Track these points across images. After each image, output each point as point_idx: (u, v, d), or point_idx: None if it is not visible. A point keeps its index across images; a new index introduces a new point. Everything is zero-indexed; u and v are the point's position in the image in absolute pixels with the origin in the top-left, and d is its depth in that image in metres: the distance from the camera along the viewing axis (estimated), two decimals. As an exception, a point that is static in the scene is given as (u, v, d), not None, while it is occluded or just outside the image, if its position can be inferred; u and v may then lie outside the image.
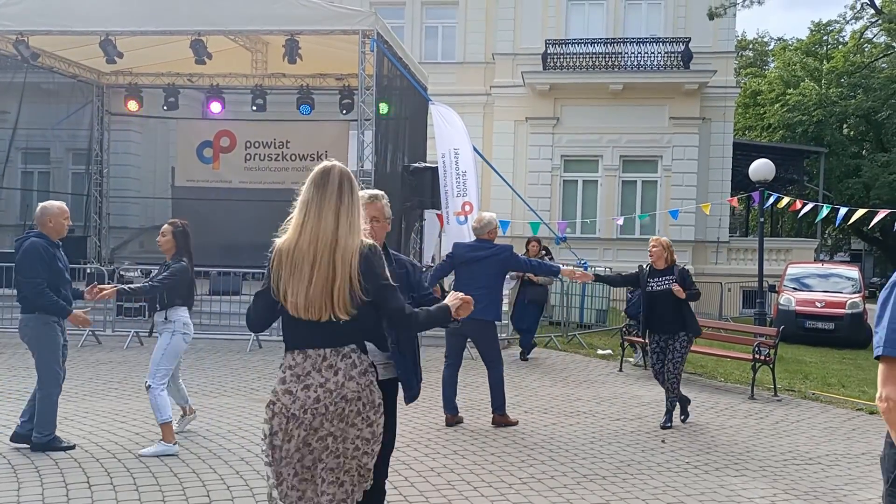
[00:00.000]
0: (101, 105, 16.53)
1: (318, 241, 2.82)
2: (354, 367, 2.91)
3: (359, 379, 2.91)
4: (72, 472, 4.89)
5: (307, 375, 2.87)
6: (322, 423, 2.85)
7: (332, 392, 2.86)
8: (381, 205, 3.55)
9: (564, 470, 5.44)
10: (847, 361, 12.25)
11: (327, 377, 2.87)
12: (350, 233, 2.85)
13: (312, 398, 2.85)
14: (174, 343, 5.54)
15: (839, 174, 30.50)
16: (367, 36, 12.04)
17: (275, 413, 2.88)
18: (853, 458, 6.09)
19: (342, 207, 2.85)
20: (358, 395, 2.90)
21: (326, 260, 2.81)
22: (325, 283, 2.81)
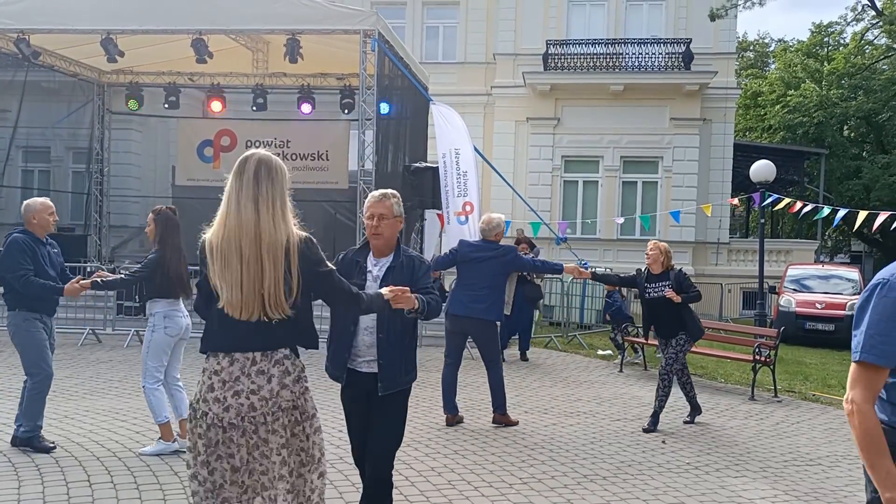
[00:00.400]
0: (101, 104, 16.52)
1: (242, 234, 2.66)
2: (288, 375, 2.74)
3: (292, 387, 2.75)
4: (72, 471, 4.88)
5: (236, 381, 2.68)
6: (262, 433, 2.68)
7: (268, 401, 2.68)
8: (390, 203, 3.61)
9: (565, 470, 5.43)
10: (847, 363, 12.08)
11: (260, 384, 2.68)
12: (274, 224, 2.69)
13: (247, 405, 2.66)
14: (155, 339, 5.30)
15: (839, 176, 30.48)
16: (369, 36, 12.03)
17: (209, 425, 2.66)
18: (854, 460, 6.08)
19: (260, 197, 2.69)
20: (293, 405, 2.74)
21: (254, 255, 2.65)
22: (255, 280, 2.65)
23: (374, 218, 3.60)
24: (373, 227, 3.61)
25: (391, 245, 3.67)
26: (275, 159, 2.80)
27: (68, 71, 15.19)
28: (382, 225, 3.58)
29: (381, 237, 3.62)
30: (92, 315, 10.98)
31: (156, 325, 5.32)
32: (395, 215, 3.62)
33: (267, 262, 2.65)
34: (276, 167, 2.77)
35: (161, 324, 5.32)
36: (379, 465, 3.57)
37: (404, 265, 3.62)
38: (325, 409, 6.99)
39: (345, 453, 5.51)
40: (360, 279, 3.55)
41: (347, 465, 5.24)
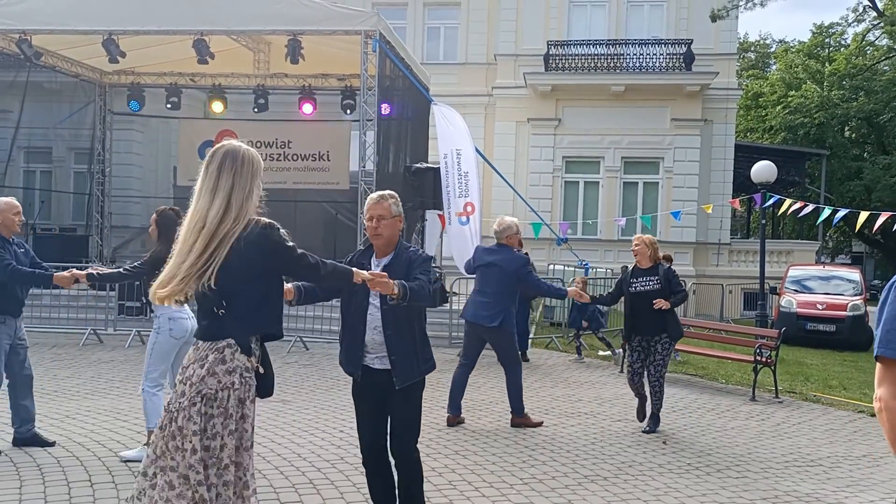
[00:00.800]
0: (103, 104, 16.55)
1: (193, 224, 2.71)
2: (222, 364, 2.73)
3: (221, 376, 2.72)
4: (74, 471, 4.89)
5: (187, 368, 2.78)
6: (183, 421, 2.69)
7: (193, 385, 2.70)
8: (388, 204, 3.70)
9: (566, 471, 5.43)
10: (848, 363, 12.24)
11: (195, 370, 2.73)
12: (224, 214, 2.70)
13: (179, 392, 2.74)
14: (159, 342, 5.15)
15: (840, 176, 30.49)
16: (370, 36, 12.06)
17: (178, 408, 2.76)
18: (855, 461, 6.09)
19: (218, 188, 2.72)
20: (214, 394, 2.71)
21: (198, 245, 2.67)
22: (194, 269, 2.67)
23: (373, 219, 3.70)
24: (372, 229, 3.72)
25: (392, 244, 3.75)
26: (243, 150, 2.82)
27: (70, 71, 15.22)
28: (382, 226, 3.68)
29: (381, 237, 3.72)
30: (94, 315, 11.00)
31: (160, 327, 5.17)
32: (393, 215, 3.71)
33: (205, 253, 2.67)
34: (243, 158, 2.79)
35: (166, 326, 5.15)
36: (403, 445, 3.77)
37: (402, 260, 3.70)
38: (326, 410, 7.01)
39: (346, 453, 5.53)
40: None
41: (348, 465, 5.25)
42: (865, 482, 5.53)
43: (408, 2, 21.61)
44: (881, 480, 5.59)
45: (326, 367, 9.16)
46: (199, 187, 2.78)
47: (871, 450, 6.45)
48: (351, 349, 3.71)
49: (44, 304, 11.13)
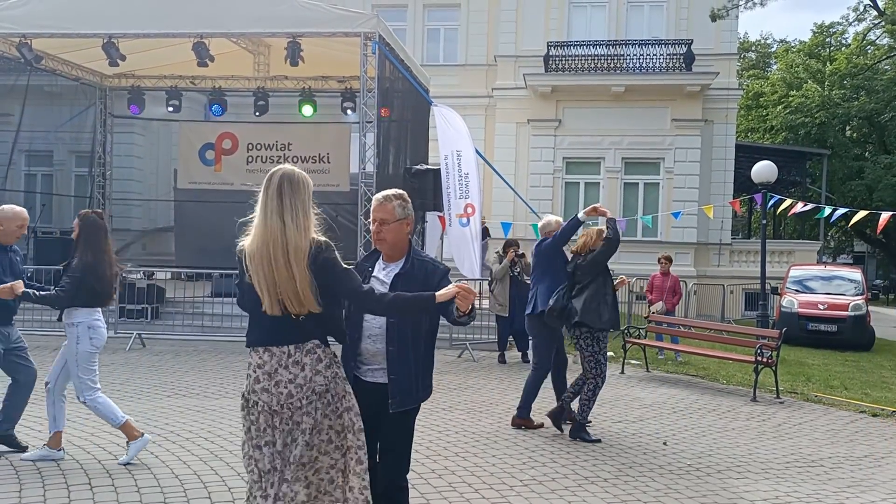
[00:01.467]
0: (104, 107, 16.57)
1: (270, 242, 2.96)
2: (320, 362, 3.05)
3: (325, 372, 3.05)
4: (74, 474, 4.89)
5: (275, 372, 3.03)
6: (301, 417, 3.00)
7: (303, 387, 3.01)
8: (392, 206, 3.37)
9: (566, 472, 5.43)
10: (850, 363, 12.22)
11: (295, 373, 3.02)
12: (297, 232, 2.97)
13: (285, 394, 3.00)
14: (82, 352, 5.09)
15: (842, 176, 30.48)
16: (369, 38, 12.06)
17: (260, 412, 3.03)
18: (856, 461, 6.08)
19: (284, 209, 2.98)
20: (326, 388, 3.04)
21: (283, 261, 2.94)
22: (284, 281, 2.94)
23: (375, 222, 3.39)
24: (375, 233, 3.40)
25: (400, 249, 3.42)
26: (297, 173, 3.08)
27: (70, 75, 15.24)
28: (385, 230, 3.36)
29: (384, 242, 3.40)
30: (94, 318, 10.97)
31: (80, 336, 5.10)
32: (398, 218, 3.36)
33: (294, 266, 2.94)
34: (299, 180, 3.05)
35: (86, 334, 5.12)
36: (393, 472, 3.40)
37: (416, 271, 3.36)
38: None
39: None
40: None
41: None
42: (867, 483, 5.52)
43: (408, 3, 21.63)
44: (882, 481, 5.58)
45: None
46: (265, 209, 3.00)
47: (872, 450, 6.44)
48: (344, 358, 3.35)
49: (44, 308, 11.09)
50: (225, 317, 11.36)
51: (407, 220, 3.42)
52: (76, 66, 14.97)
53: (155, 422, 6.34)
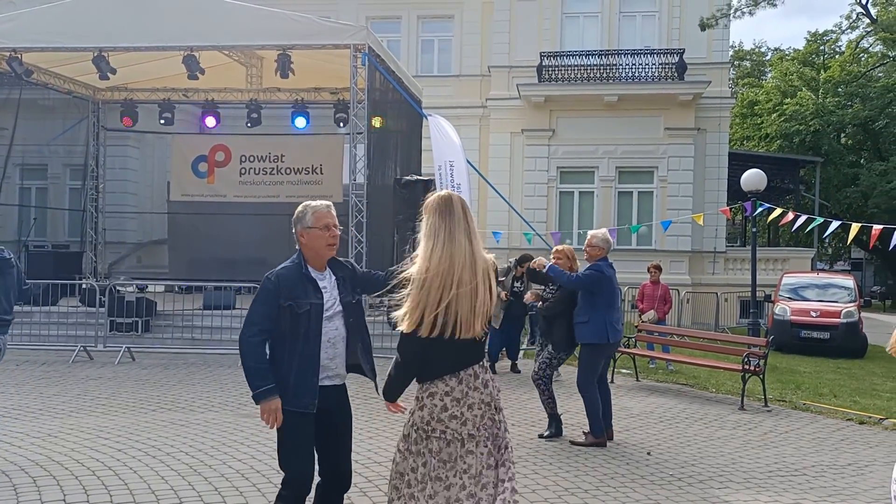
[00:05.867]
0: (96, 120, 16.62)
1: (460, 264, 2.91)
2: (492, 378, 3.11)
3: (495, 384, 3.11)
4: (49, 490, 4.87)
5: (466, 396, 2.96)
6: (502, 438, 3.03)
7: (490, 405, 3.02)
8: (335, 211, 3.63)
9: (546, 483, 5.41)
10: (841, 371, 12.19)
11: (484, 392, 3.00)
12: (482, 252, 3.01)
13: (479, 415, 2.96)
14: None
15: (837, 183, 30.51)
16: (359, 50, 12.11)
17: (449, 441, 2.92)
18: (839, 469, 6.06)
19: (470, 231, 2.99)
20: (500, 402, 3.10)
21: (473, 281, 2.92)
22: (480, 302, 2.94)
23: (331, 227, 3.52)
24: (333, 238, 3.53)
25: None
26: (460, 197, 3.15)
27: (62, 88, 15.29)
28: (338, 235, 3.56)
29: (336, 247, 3.58)
30: (83, 332, 10.99)
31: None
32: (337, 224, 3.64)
33: (482, 286, 2.95)
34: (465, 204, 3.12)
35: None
36: (348, 460, 3.66)
37: (348, 272, 3.64)
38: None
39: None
40: (316, 297, 3.44)
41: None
42: (848, 491, 5.50)
43: (402, 15, 21.72)
44: (864, 489, 5.56)
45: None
46: (449, 232, 2.95)
47: (856, 458, 6.42)
48: (305, 378, 3.39)
49: (34, 322, 11.13)
50: (215, 329, 11.35)
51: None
52: (68, 79, 15.02)
53: (137, 436, 6.32)
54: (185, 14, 11.90)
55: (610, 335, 6.48)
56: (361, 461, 5.69)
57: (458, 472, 2.90)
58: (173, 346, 11.26)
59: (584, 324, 6.47)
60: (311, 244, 3.50)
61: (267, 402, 3.31)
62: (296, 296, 3.38)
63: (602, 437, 6.53)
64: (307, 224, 3.49)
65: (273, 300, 3.38)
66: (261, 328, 3.36)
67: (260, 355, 3.36)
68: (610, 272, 6.57)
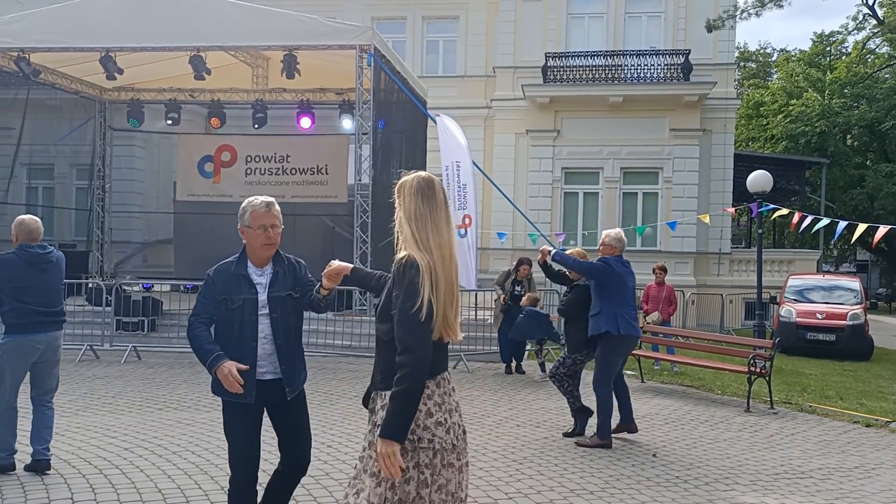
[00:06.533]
0: (103, 120, 16.67)
1: (446, 257, 2.70)
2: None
3: None
4: (56, 489, 4.89)
5: (444, 401, 2.74)
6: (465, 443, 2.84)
7: (460, 413, 2.83)
8: (278, 211, 3.60)
9: (552, 485, 5.41)
10: (847, 373, 12.16)
11: (456, 398, 2.83)
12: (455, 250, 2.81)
13: (457, 422, 2.77)
14: None
15: (843, 185, 30.42)
16: (365, 50, 12.13)
17: (436, 451, 2.65)
18: (846, 472, 6.04)
19: (451, 220, 2.79)
20: None
21: (455, 276, 2.75)
22: (457, 300, 2.77)
23: (268, 228, 3.52)
24: (269, 238, 3.53)
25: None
26: None
27: (69, 88, 15.34)
28: (275, 234, 3.55)
29: (274, 246, 3.59)
30: (90, 331, 11.02)
31: None
32: (282, 223, 3.62)
33: (456, 283, 2.77)
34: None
35: None
36: (306, 450, 3.69)
37: (287, 269, 3.64)
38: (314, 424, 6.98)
39: (331, 469, 5.52)
40: (250, 293, 3.51)
41: (333, 480, 5.24)
42: (856, 494, 5.49)
43: (407, 16, 21.74)
44: (871, 493, 5.54)
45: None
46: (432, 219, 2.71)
47: (863, 461, 6.41)
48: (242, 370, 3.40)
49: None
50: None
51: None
52: (75, 79, 15.07)
53: (143, 435, 6.35)
54: (191, 15, 11.93)
55: (621, 327, 6.47)
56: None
57: (441, 485, 2.66)
58: (179, 346, 11.27)
59: (596, 315, 6.57)
60: (249, 242, 3.57)
61: (219, 367, 3.33)
62: (230, 290, 3.50)
63: (608, 440, 6.54)
64: (245, 222, 3.53)
65: (211, 294, 3.52)
66: (203, 317, 3.53)
67: (204, 334, 3.47)
68: (621, 268, 6.63)
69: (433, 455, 2.64)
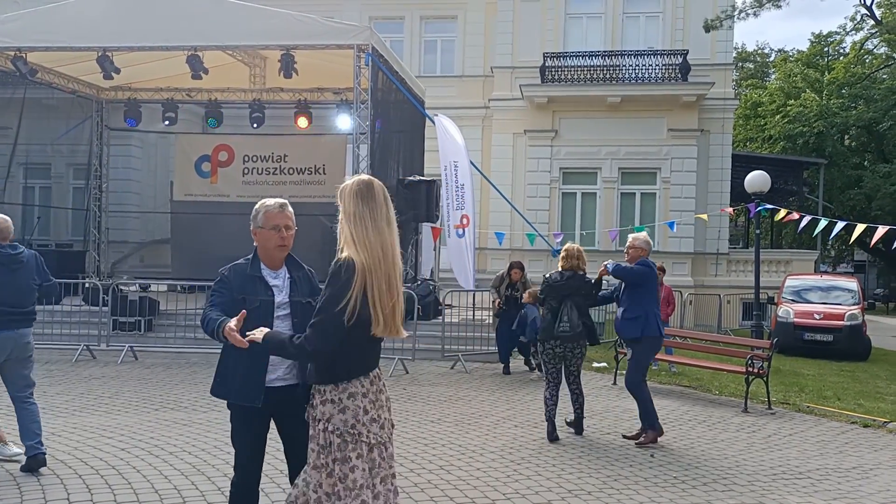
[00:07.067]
0: (100, 120, 16.61)
1: (385, 257, 2.79)
2: None
3: None
4: (53, 489, 4.87)
5: (377, 398, 2.89)
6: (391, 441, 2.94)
7: (389, 409, 2.98)
8: (291, 212, 3.50)
9: (550, 485, 5.40)
10: (845, 374, 12.16)
11: (386, 393, 2.96)
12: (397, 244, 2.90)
13: (388, 418, 2.91)
14: None
15: (840, 185, 30.46)
16: (363, 50, 12.10)
17: (372, 446, 2.82)
18: (843, 473, 6.04)
19: (391, 220, 2.85)
20: None
21: (395, 274, 2.83)
22: (397, 297, 2.84)
23: (281, 229, 3.43)
24: (282, 239, 3.43)
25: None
26: None
27: (66, 88, 15.29)
28: (288, 236, 3.45)
29: (287, 248, 3.49)
30: (87, 331, 10.99)
31: None
32: (295, 225, 3.50)
33: (401, 283, 2.86)
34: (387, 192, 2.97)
35: None
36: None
37: (303, 276, 3.51)
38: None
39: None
40: (266, 294, 3.39)
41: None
42: (853, 495, 5.48)
43: (405, 15, 21.73)
44: (869, 493, 5.54)
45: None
46: (372, 219, 2.81)
47: (861, 461, 6.40)
48: (252, 372, 3.32)
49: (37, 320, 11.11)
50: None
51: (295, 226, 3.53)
52: (72, 78, 15.02)
53: (140, 435, 6.33)
54: (188, 14, 11.89)
55: (660, 328, 6.87)
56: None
57: (383, 478, 2.84)
58: (176, 346, 11.26)
59: (636, 319, 6.77)
60: (261, 243, 3.47)
61: (225, 329, 3.11)
62: (246, 291, 3.37)
63: (659, 429, 6.75)
64: (258, 223, 3.45)
65: (227, 290, 3.39)
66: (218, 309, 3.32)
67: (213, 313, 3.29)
68: (654, 269, 6.99)
69: (370, 450, 2.81)
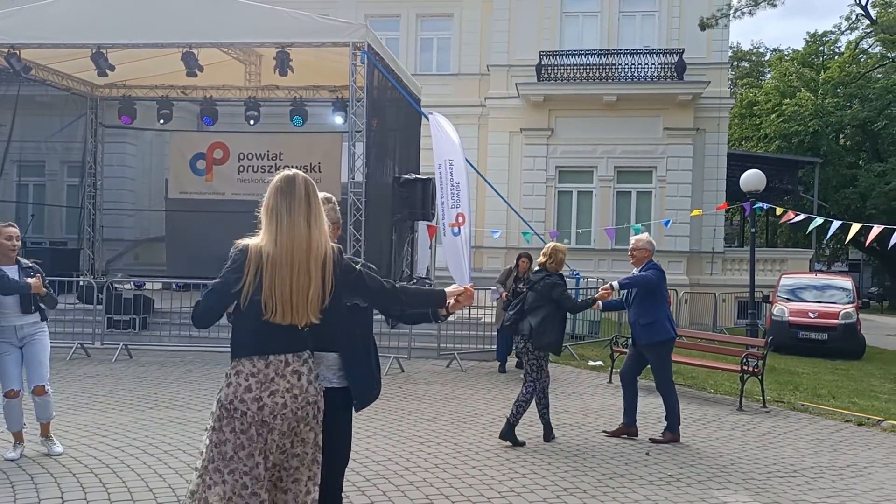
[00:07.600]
0: (94, 117, 16.55)
1: (295, 247, 2.89)
2: (311, 372, 3.03)
3: (315, 384, 3.04)
4: (46, 488, 4.85)
5: (271, 381, 2.92)
6: (292, 426, 2.95)
7: (298, 397, 2.96)
8: (330, 207, 3.40)
9: (545, 483, 5.39)
10: (839, 372, 12.19)
11: (293, 382, 2.95)
12: (321, 238, 2.96)
13: (280, 404, 2.91)
14: None
15: (835, 184, 30.54)
16: (358, 48, 12.08)
17: (249, 423, 2.89)
18: (838, 471, 6.05)
19: (311, 215, 2.94)
20: (315, 400, 3.02)
21: (304, 266, 2.89)
22: (303, 288, 2.89)
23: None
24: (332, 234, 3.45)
25: None
26: (308, 178, 3.08)
27: (60, 85, 15.23)
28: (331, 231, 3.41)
29: None
30: (81, 329, 10.96)
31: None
32: (333, 222, 3.34)
33: (314, 272, 2.91)
34: (315, 186, 3.05)
35: None
36: (341, 474, 3.37)
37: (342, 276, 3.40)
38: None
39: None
40: None
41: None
42: (847, 492, 5.49)
43: (401, 13, 21.69)
44: (863, 490, 5.55)
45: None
46: (288, 213, 2.92)
47: (855, 459, 6.42)
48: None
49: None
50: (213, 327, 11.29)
51: (338, 224, 3.47)
52: (66, 76, 14.96)
53: (135, 434, 6.31)
54: (183, 11, 11.85)
55: (674, 328, 6.92)
56: (360, 460, 5.68)
57: (262, 452, 2.90)
58: (171, 344, 11.24)
59: (652, 324, 6.75)
60: None
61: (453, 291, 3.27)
62: None
63: (678, 433, 6.78)
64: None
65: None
66: None
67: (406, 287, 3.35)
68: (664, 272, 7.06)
69: (248, 426, 2.87)
